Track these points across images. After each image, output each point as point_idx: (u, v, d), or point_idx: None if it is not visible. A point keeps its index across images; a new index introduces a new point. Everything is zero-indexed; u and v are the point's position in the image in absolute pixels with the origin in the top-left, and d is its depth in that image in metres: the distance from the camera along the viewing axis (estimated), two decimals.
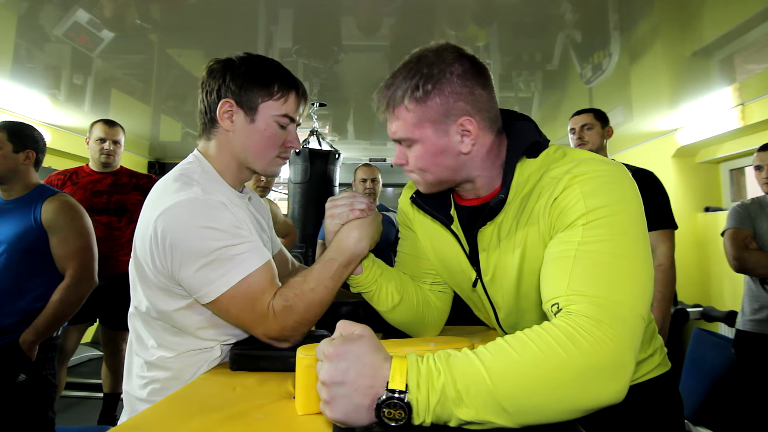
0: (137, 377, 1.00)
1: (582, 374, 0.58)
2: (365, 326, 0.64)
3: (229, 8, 1.96)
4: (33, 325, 1.77)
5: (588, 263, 0.68)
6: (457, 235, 0.96)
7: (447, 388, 0.57)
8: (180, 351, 0.98)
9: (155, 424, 0.68)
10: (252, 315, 0.92)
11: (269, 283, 0.95)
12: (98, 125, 2.66)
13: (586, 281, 0.67)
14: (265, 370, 0.93)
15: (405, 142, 0.87)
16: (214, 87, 1.02)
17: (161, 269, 0.92)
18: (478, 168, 0.87)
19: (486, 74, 0.85)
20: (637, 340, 0.64)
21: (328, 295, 0.97)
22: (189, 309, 0.96)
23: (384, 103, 0.86)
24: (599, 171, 0.76)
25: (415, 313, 1.07)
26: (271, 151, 1.06)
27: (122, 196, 2.72)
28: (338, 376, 0.59)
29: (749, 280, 2.28)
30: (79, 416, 3.17)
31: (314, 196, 3.48)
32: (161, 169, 5.48)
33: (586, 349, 0.59)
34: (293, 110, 1.05)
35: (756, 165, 2.28)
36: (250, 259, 0.93)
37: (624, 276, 0.67)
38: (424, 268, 1.11)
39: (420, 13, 2.00)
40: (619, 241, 0.70)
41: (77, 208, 1.92)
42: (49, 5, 1.92)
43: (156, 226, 0.90)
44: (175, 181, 0.96)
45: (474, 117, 0.82)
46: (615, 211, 0.72)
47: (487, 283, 0.95)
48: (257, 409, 0.73)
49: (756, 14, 1.91)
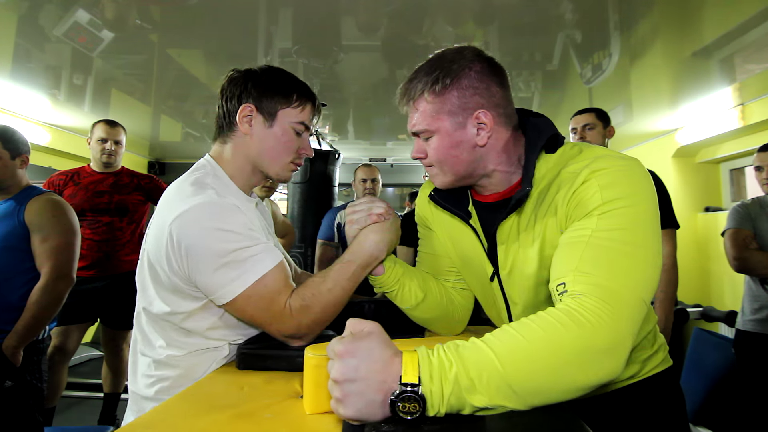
0: (143, 376, 1.01)
1: (582, 352, 0.62)
2: (375, 323, 0.65)
3: (229, 8, 1.96)
4: (14, 330, 1.75)
5: (599, 249, 0.72)
6: (476, 230, 0.98)
7: (460, 378, 0.59)
8: (189, 350, 0.99)
9: (163, 423, 0.68)
10: (268, 314, 0.95)
11: (284, 282, 0.98)
12: (100, 125, 2.67)
13: (594, 264, 0.70)
14: (272, 369, 0.94)
15: (423, 135, 0.90)
16: (236, 93, 1.06)
17: (178, 271, 0.94)
18: (494, 162, 0.90)
19: (503, 74, 0.89)
20: (637, 323, 0.68)
21: (344, 296, 1.01)
22: (203, 310, 0.99)
23: (406, 96, 0.90)
24: (617, 166, 0.78)
25: (440, 309, 1.10)
26: (286, 156, 1.09)
27: (124, 196, 2.73)
28: (350, 373, 0.59)
29: (749, 280, 2.28)
30: (79, 416, 3.16)
31: (314, 196, 3.48)
32: (161, 169, 5.47)
33: (587, 328, 0.62)
34: (309, 119, 1.11)
35: (756, 165, 2.29)
36: (264, 260, 0.95)
37: (630, 262, 0.70)
38: (445, 266, 1.13)
39: (420, 13, 2.00)
40: (631, 231, 0.73)
41: (61, 206, 1.91)
42: (49, 5, 1.91)
43: (171, 229, 0.92)
44: (189, 185, 0.98)
45: (490, 111, 0.86)
46: (630, 203, 0.74)
47: (504, 278, 0.97)
48: (265, 409, 0.73)
49: (756, 14, 1.91)
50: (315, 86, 3.01)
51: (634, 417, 0.99)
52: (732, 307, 3.30)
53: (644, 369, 0.99)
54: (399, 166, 5.69)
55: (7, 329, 1.77)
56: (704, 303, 3.61)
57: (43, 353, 1.94)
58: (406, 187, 5.23)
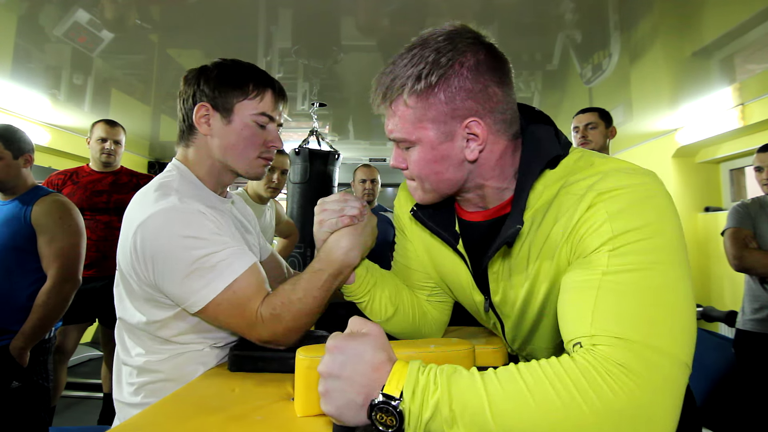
0: (127, 385, 0.99)
1: (600, 428, 0.49)
2: (377, 325, 0.62)
3: (229, 8, 1.96)
4: (21, 331, 1.76)
5: (615, 297, 0.57)
6: (463, 257, 0.86)
7: (441, 406, 0.53)
8: (169, 354, 0.97)
9: (152, 426, 0.68)
10: (241, 321, 0.91)
11: (256, 288, 0.92)
12: (99, 125, 2.67)
13: (614, 318, 0.56)
14: (264, 371, 0.93)
15: (402, 144, 0.76)
16: (190, 93, 1.02)
17: (145, 280, 0.91)
18: (485, 177, 0.76)
19: (504, 68, 0.72)
20: (678, 393, 0.53)
21: (317, 304, 0.94)
22: (177, 319, 0.95)
23: (380, 94, 0.74)
24: (630, 186, 0.63)
25: (411, 325, 1.02)
26: (251, 152, 1.04)
27: (122, 195, 2.74)
28: (335, 368, 0.58)
29: (749, 280, 2.28)
30: (79, 416, 3.16)
31: (313, 197, 3.45)
32: (161, 169, 5.42)
33: (610, 399, 0.50)
34: (271, 108, 1.04)
35: (756, 166, 2.28)
36: (233, 264, 0.90)
37: (660, 313, 0.56)
38: (419, 280, 1.02)
39: (419, 13, 2.00)
40: (654, 271, 0.58)
41: (67, 208, 1.91)
42: (49, 5, 1.92)
43: (135, 238, 0.89)
44: (153, 191, 0.94)
45: (484, 119, 0.70)
46: (648, 234, 0.60)
47: (497, 304, 0.86)
48: (256, 411, 0.72)
49: (756, 14, 1.90)
50: (315, 86, 3.01)
51: None
52: (732, 307, 3.29)
53: None
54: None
55: (13, 329, 1.78)
56: (704, 303, 3.60)
57: (50, 353, 1.94)
58: None
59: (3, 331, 1.78)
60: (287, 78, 2.85)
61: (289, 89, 3.08)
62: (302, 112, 3.48)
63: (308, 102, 3.33)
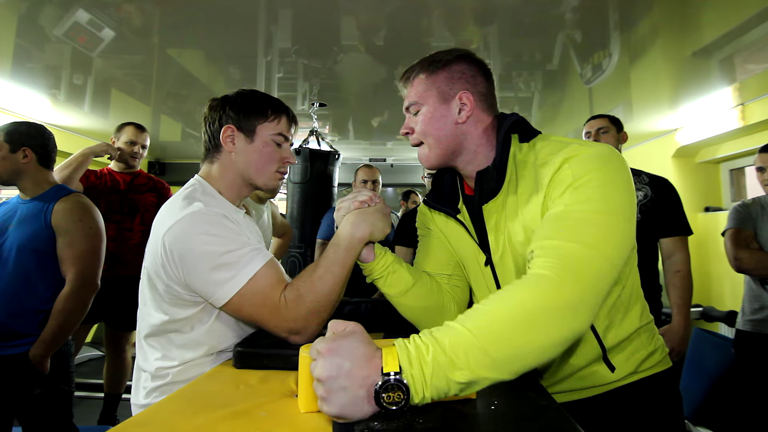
0: (142, 389, 1.08)
1: (543, 311, 0.65)
2: (356, 323, 0.68)
3: (229, 8, 1.96)
4: (40, 339, 1.73)
5: (569, 220, 0.77)
6: (464, 224, 1.03)
7: (438, 357, 0.61)
8: (184, 360, 1.05)
9: (159, 421, 0.68)
10: (264, 310, 0.99)
11: (277, 278, 1.02)
12: (130, 128, 2.73)
13: (561, 231, 0.75)
14: (268, 368, 0.94)
15: (413, 108, 0.99)
16: (216, 117, 1.17)
17: (174, 278, 1.01)
18: (476, 143, 0.97)
19: (489, 73, 1.00)
20: (602, 283, 0.71)
21: (335, 282, 1.03)
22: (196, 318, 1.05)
23: (406, 77, 1.00)
24: (590, 150, 0.84)
25: (431, 298, 1.10)
26: (270, 166, 1.18)
27: (138, 195, 2.77)
28: (334, 370, 0.60)
29: (749, 280, 2.28)
30: (79, 416, 3.13)
31: (313, 197, 3.47)
32: (161, 169, 5.49)
33: (545, 287, 0.67)
34: (286, 130, 1.20)
35: (758, 166, 2.28)
36: (254, 259, 1.00)
37: (597, 228, 0.75)
38: (441, 262, 1.15)
39: (419, 13, 2.00)
40: (601, 201, 0.77)
41: (88, 209, 1.87)
42: (49, 5, 1.92)
43: (164, 241, 1.00)
44: (180, 200, 1.06)
45: (473, 95, 0.95)
46: (601, 181, 0.80)
47: (497, 262, 1.00)
48: (260, 407, 0.73)
49: (756, 14, 1.91)
50: (315, 86, 3.01)
51: (630, 417, 0.99)
52: (732, 307, 3.30)
53: (641, 368, 0.99)
54: (399, 166, 5.70)
55: (32, 333, 1.75)
56: (704, 303, 3.60)
57: (71, 356, 1.91)
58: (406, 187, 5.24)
59: (22, 335, 1.75)
60: (287, 78, 2.86)
61: (289, 89, 3.09)
62: (302, 112, 3.48)
63: (308, 102, 3.33)
